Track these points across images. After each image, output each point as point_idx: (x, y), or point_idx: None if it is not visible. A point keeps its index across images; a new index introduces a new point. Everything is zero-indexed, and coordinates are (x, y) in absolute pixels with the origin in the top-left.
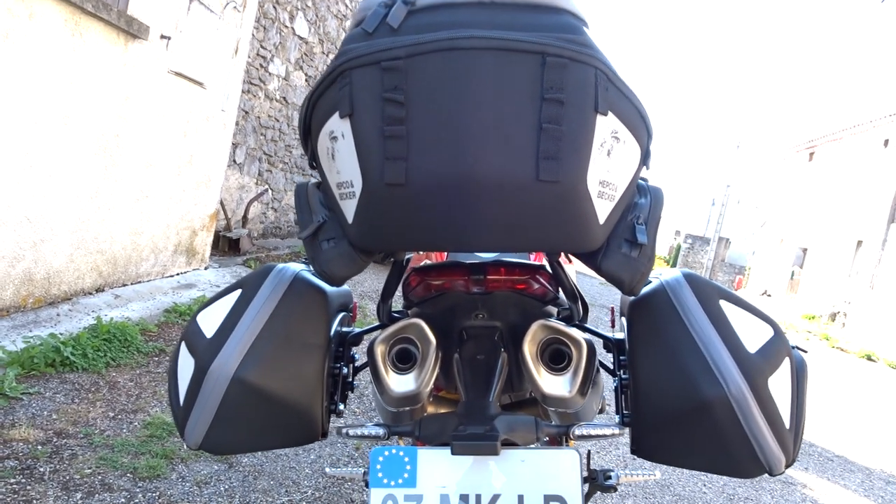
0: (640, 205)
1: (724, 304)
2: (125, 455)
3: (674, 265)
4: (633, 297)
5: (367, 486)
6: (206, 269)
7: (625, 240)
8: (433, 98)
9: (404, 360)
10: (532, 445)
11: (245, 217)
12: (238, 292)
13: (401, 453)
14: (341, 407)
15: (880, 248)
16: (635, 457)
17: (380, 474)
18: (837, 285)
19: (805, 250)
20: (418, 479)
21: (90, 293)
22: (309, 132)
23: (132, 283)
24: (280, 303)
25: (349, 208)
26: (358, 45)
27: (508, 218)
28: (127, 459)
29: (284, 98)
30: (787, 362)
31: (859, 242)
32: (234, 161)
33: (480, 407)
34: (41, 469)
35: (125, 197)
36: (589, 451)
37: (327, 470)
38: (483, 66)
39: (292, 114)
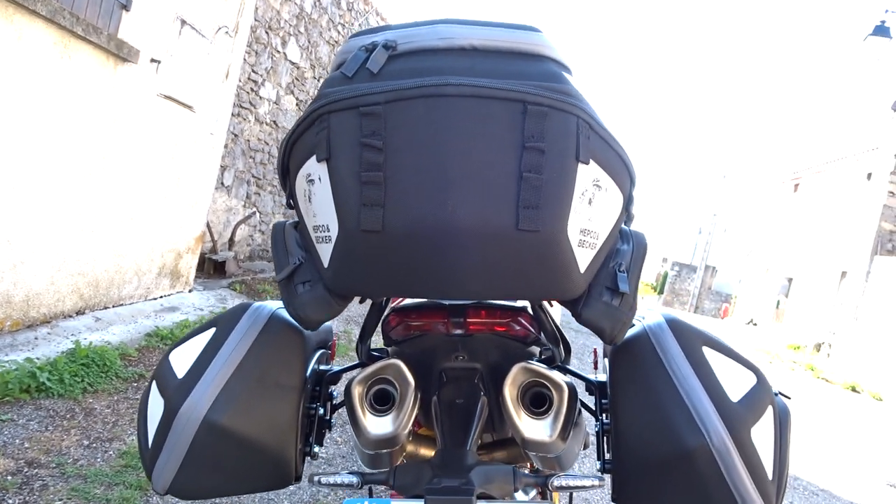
0: (623, 251)
1: (707, 350)
2: (98, 486)
3: (661, 292)
4: None
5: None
6: (190, 291)
7: (606, 287)
8: (412, 144)
9: (382, 402)
10: (510, 498)
11: (232, 239)
12: (212, 331)
13: None
14: (317, 449)
15: (864, 280)
16: None
17: None
18: (822, 315)
19: (790, 280)
20: None
21: (70, 316)
22: (287, 173)
23: (114, 306)
24: (254, 343)
25: (325, 252)
26: (337, 90)
27: (487, 266)
28: (100, 490)
29: (275, 122)
30: (769, 411)
31: (843, 273)
32: (223, 183)
33: (457, 457)
34: (10, 501)
35: (109, 219)
36: (571, 496)
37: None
38: (463, 113)
39: (282, 137)
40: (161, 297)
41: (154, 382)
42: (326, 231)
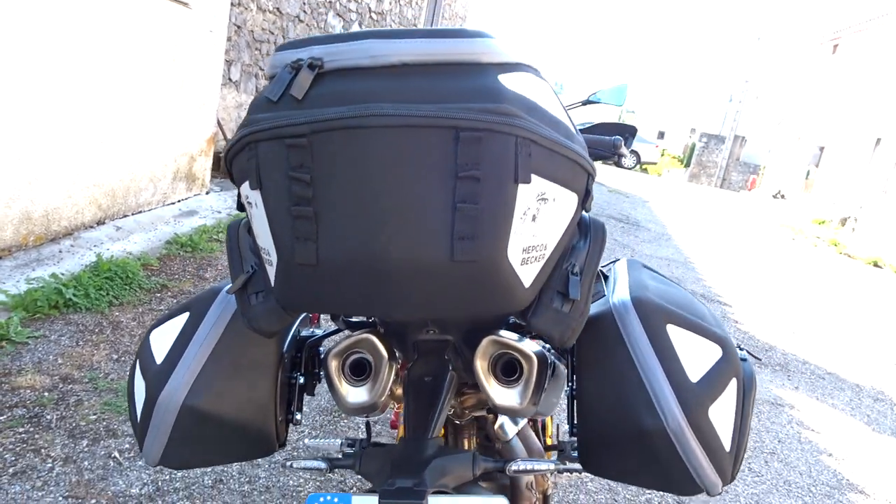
0: (577, 249)
1: (671, 329)
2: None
3: (687, 164)
4: None
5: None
6: (207, 193)
7: (557, 292)
8: (340, 177)
9: (359, 372)
10: (466, 489)
11: None
12: (186, 315)
13: (335, 500)
14: (298, 416)
15: None
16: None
17: None
18: (851, 188)
19: (822, 149)
20: None
21: (91, 227)
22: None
23: (133, 214)
24: (228, 326)
25: (270, 272)
26: (263, 116)
27: (425, 294)
28: None
29: (278, 9)
30: (732, 384)
31: (878, 140)
32: (230, 79)
33: (417, 448)
34: (48, 417)
35: (118, 128)
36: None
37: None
38: (391, 144)
39: (287, 25)
40: (178, 201)
41: (137, 361)
42: (268, 255)
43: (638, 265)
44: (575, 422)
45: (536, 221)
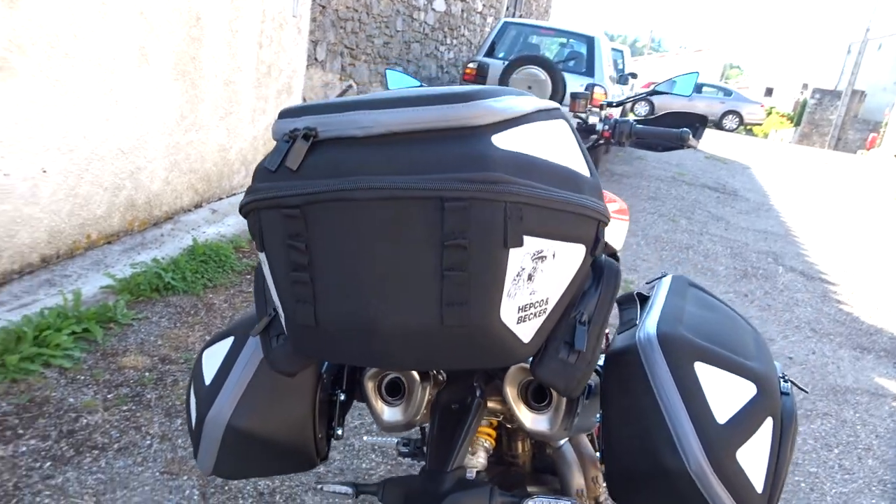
0: (588, 296)
1: (700, 367)
2: None
3: (798, 124)
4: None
5: (399, 455)
6: None
7: (564, 342)
8: (333, 247)
9: (394, 393)
10: None
11: None
12: (231, 340)
13: None
14: (339, 431)
15: None
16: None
17: None
18: None
19: None
20: None
21: (189, 210)
22: None
23: (227, 196)
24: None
25: (283, 324)
26: (262, 185)
27: (418, 353)
28: None
29: None
30: (767, 423)
31: None
32: (316, 59)
33: (435, 482)
34: (148, 396)
35: (209, 116)
36: None
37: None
38: (377, 216)
39: (370, 2)
40: None
41: (192, 379)
42: (279, 310)
43: (684, 284)
44: (603, 448)
45: (534, 280)
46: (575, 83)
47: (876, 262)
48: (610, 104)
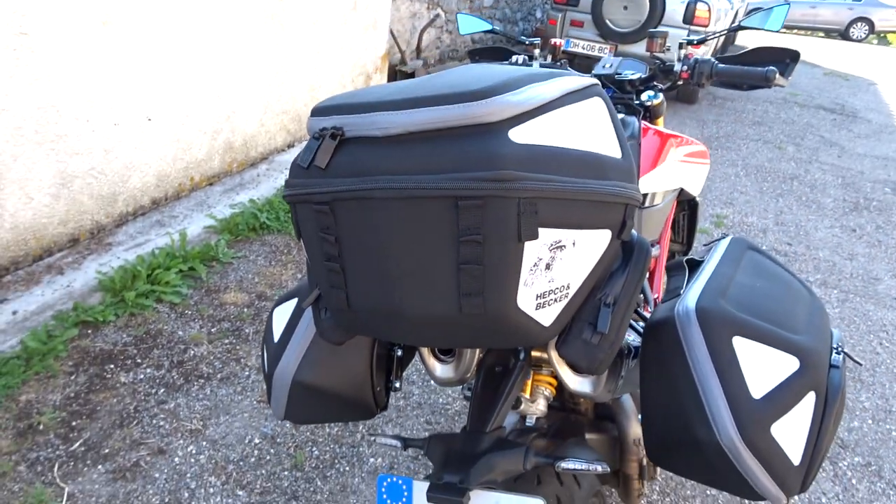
0: (615, 277)
1: (738, 341)
2: None
3: None
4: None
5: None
6: None
7: (588, 323)
8: (359, 240)
9: (446, 351)
10: (510, 484)
11: (419, 47)
12: (295, 301)
13: (399, 482)
14: (397, 384)
15: None
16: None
17: (384, 495)
18: None
19: None
20: None
21: (283, 150)
22: None
23: None
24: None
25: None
26: (295, 181)
27: (444, 335)
28: None
29: None
30: (809, 397)
31: None
32: None
33: (474, 443)
34: (246, 330)
35: (298, 57)
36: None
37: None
38: (396, 213)
39: None
40: None
41: (264, 334)
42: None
43: (741, 248)
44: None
45: (552, 268)
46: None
47: None
48: (690, 42)
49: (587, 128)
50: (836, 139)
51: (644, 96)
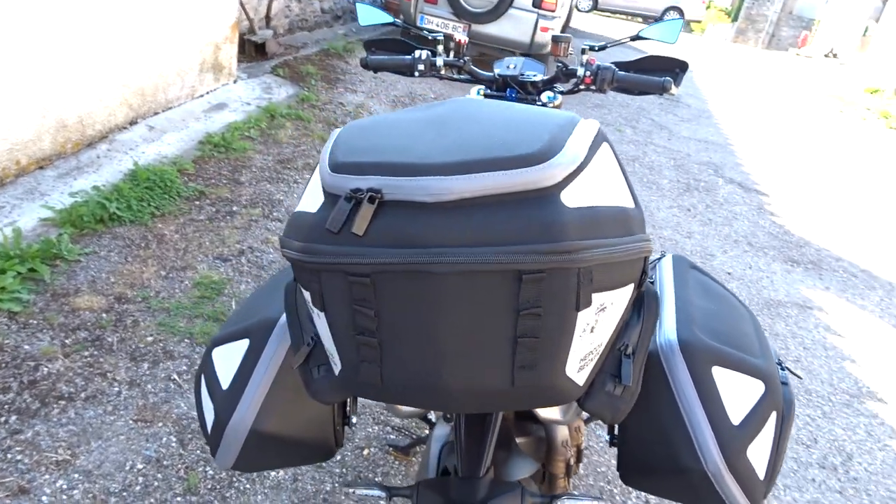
0: (630, 326)
1: (716, 371)
2: (181, 319)
3: (735, 19)
4: None
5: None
6: (234, 82)
7: (611, 375)
8: (402, 315)
9: None
10: None
11: (268, 15)
12: (246, 343)
13: None
14: (354, 419)
15: None
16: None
17: None
18: None
19: (885, 1)
20: None
21: (125, 128)
22: None
23: (163, 111)
24: (287, 355)
25: (334, 364)
26: (323, 248)
27: (483, 403)
28: (183, 324)
29: None
30: (772, 418)
31: None
32: None
33: (472, 487)
34: (109, 339)
35: (139, 24)
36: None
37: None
38: (451, 288)
39: None
40: (207, 93)
41: (202, 377)
42: (332, 355)
43: (684, 267)
44: (616, 434)
45: (595, 331)
46: None
47: (805, 169)
48: (592, 48)
49: (609, 180)
50: (665, 122)
51: (544, 97)
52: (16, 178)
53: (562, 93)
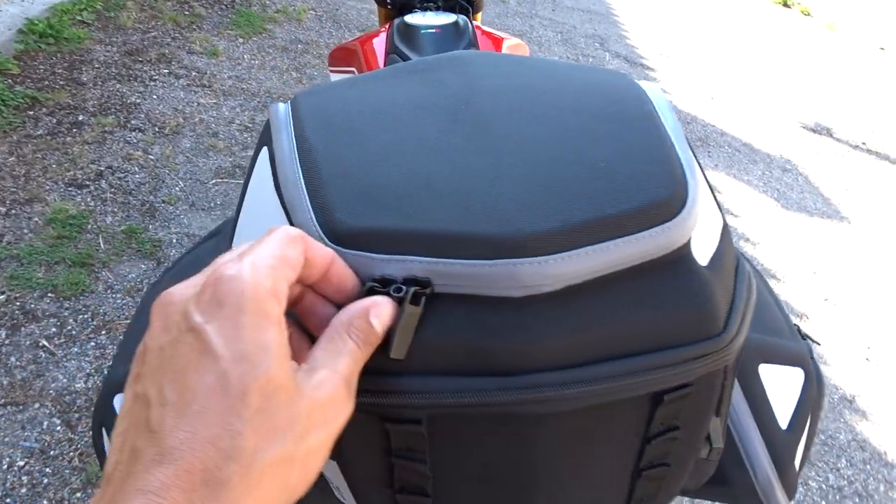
0: None
1: (763, 369)
2: (38, 268)
3: None
4: None
5: None
6: None
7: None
8: (475, 467)
9: None
10: None
11: None
12: None
13: None
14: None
15: None
16: None
17: None
18: None
19: None
20: None
21: None
22: None
23: None
24: None
25: (340, 497)
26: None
27: None
28: (42, 274)
29: None
30: (814, 409)
31: None
32: None
33: None
34: None
35: None
36: None
37: None
38: (559, 428)
39: None
40: None
41: (102, 428)
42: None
43: None
44: None
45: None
46: None
47: (694, 44)
48: None
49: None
50: None
51: None
52: None
53: None
